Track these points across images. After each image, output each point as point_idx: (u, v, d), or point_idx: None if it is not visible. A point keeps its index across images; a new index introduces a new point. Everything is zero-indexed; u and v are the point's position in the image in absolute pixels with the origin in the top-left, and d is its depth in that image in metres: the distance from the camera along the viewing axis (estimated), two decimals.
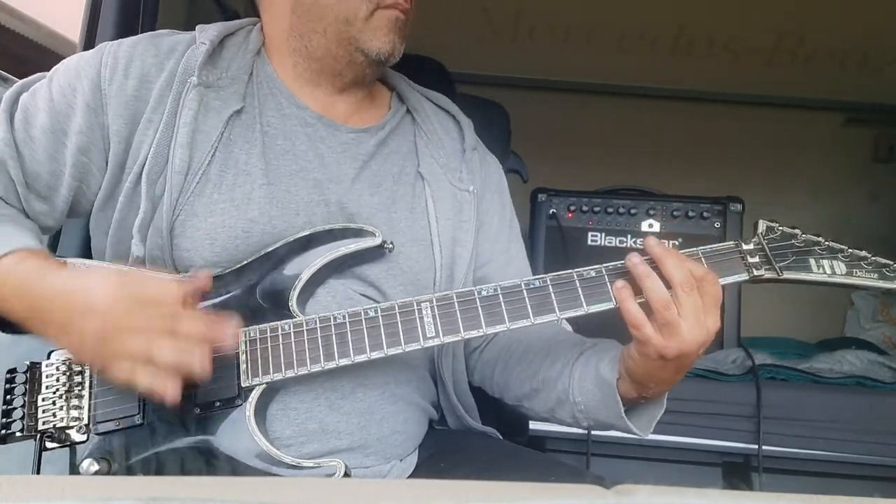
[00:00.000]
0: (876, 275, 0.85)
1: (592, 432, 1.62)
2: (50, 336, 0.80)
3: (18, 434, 0.83)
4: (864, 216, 2.49)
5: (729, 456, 1.65)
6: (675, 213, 2.04)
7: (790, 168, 2.51)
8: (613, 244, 2.03)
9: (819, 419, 1.61)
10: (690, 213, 2.04)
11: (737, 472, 1.68)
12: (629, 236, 2.03)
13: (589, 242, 2.04)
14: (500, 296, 0.84)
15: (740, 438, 1.62)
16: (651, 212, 2.04)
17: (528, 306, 0.83)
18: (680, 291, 0.78)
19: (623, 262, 0.84)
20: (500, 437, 1.08)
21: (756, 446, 1.60)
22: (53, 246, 1.30)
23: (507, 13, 2.19)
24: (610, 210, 2.06)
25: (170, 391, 0.75)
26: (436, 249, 0.99)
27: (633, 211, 2.05)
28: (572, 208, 2.08)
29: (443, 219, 1.01)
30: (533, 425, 1.54)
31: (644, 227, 2.03)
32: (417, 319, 0.84)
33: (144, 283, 0.78)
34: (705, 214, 2.03)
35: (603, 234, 2.05)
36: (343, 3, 0.92)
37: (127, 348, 0.74)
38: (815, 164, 2.54)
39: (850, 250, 0.86)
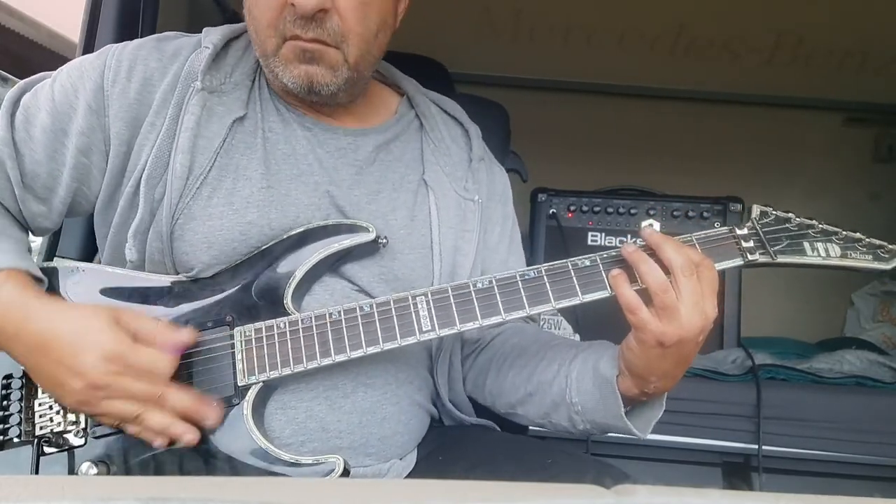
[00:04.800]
0: (870, 256, 0.86)
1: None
2: (27, 369, 0.82)
3: (16, 440, 0.82)
4: (864, 216, 2.49)
5: (729, 456, 1.65)
6: (675, 213, 2.04)
7: (790, 168, 2.51)
8: (613, 244, 2.03)
9: (819, 419, 1.60)
10: (690, 213, 2.04)
11: (737, 472, 1.67)
12: (629, 236, 2.03)
13: (589, 242, 2.05)
14: (496, 287, 0.84)
15: (740, 438, 1.62)
16: (651, 212, 2.04)
17: (524, 297, 0.83)
18: (680, 276, 0.78)
19: (616, 252, 0.84)
20: (498, 429, 1.07)
21: (756, 446, 1.59)
22: (53, 246, 1.30)
23: (507, 13, 2.19)
24: (610, 210, 2.06)
25: (159, 443, 0.80)
26: (435, 257, 0.98)
27: (633, 211, 2.05)
28: (572, 208, 2.08)
29: (445, 227, 1.00)
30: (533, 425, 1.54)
31: (644, 226, 2.03)
32: (413, 314, 0.83)
33: (136, 350, 0.78)
34: (705, 214, 2.03)
35: (603, 234, 2.05)
36: (258, 37, 0.90)
37: (115, 411, 0.78)
38: (815, 164, 2.54)
39: (844, 232, 0.87)
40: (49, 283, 0.88)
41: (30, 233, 0.95)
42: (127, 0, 1.42)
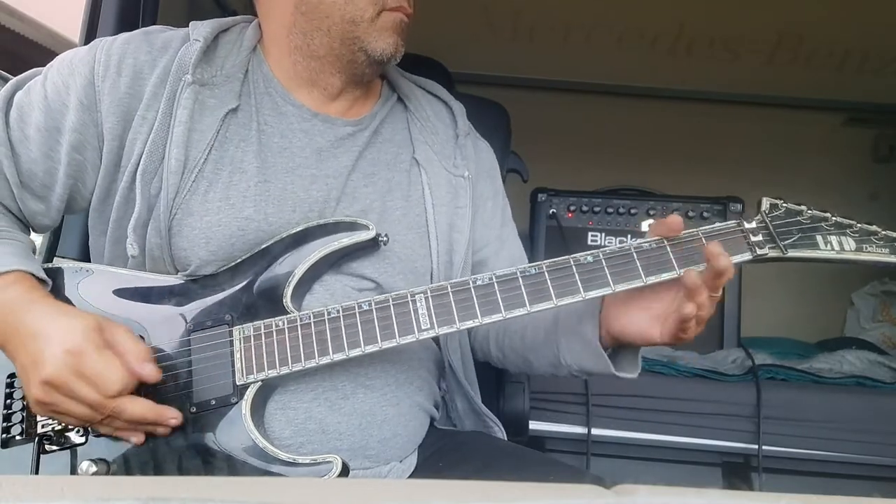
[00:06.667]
0: (887, 249, 0.83)
1: (592, 432, 1.62)
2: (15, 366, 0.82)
3: (18, 438, 0.83)
4: (864, 216, 2.49)
5: (729, 456, 1.65)
6: (675, 213, 2.04)
7: (790, 168, 2.51)
8: (613, 244, 2.03)
9: (819, 419, 1.60)
10: (690, 214, 2.04)
11: (737, 472, 1.67)
12: (629, 236, 2.03)
13: (589, 242, 2.05)
14: (496, 284, 0.83)
15: (740, 438, 1.62)
16: (651, 212, 2.04)
17: (524, 294, 0.82)
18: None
19: (618, 247, 0.83)
20: (503, 430, 1.09)
21: (756, 446, 1.59)
22: (53, 246, 1.30)
23: (507, 13, 2.19)
24: (610, 210, 2.06)
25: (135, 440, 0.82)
26: (432, 236, 0.99)
27: (633, 211, 2.05)
28: (572, 208, 2.08)
29: (439, 205, 1.01)
30: (533, 425, 1.54)
31: (644, 227, 2.03)
32: (412, 311, 0.83)
33: (97, 354, 0.77)
34: (705, 214, 2.03)
35: (603, 234, 2.05)
36: (350, 4, 0.92)
37: (74, 413, 0.78)
38: (815, 164, 2.53)
39: (859, 225, 0.84)
40: (54, 283, 0.88)
41: (31, 230, 0.96)
42: (127, 0, 1.42)
